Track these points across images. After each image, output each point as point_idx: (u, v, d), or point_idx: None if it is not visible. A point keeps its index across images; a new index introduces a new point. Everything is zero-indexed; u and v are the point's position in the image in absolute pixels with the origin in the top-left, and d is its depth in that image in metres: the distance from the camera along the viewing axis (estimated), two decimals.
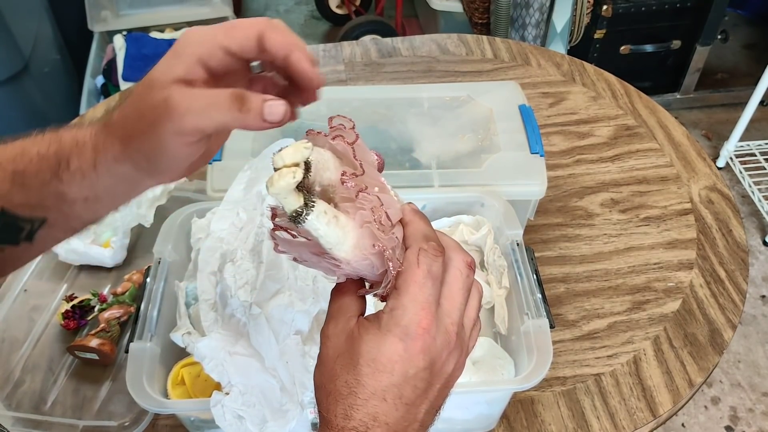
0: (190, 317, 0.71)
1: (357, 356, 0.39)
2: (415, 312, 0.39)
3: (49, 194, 0.42)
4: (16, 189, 0.42)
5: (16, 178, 0.42)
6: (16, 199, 0.42)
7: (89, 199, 0.43)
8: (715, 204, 0.99)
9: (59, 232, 0.44)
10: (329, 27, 2.94)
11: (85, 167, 0.42)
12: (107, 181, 0.42)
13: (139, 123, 0.40)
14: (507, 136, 0.88)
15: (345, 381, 0.39)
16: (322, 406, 0.40)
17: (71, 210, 0.43)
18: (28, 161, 0.42)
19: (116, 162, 0.42)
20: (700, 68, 2.24)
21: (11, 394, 0.75)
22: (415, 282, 0.40)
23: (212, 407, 0.60)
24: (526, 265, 0.72)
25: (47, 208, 0.42)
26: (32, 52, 1.73)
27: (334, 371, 0.40)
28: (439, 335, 0.40)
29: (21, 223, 0.42)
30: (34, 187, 0.42)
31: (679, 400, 0.76)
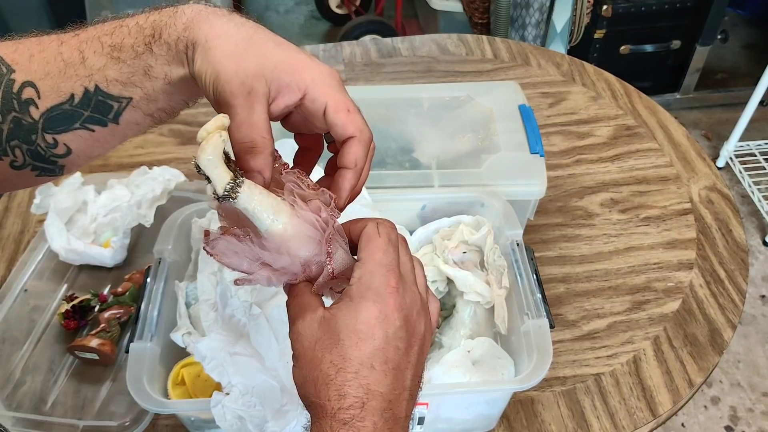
0: (191, 317, 0.71)
1: (336, 333, 0.40)
2: (382, 274, 0.41)
3: (139, 68, 0.45)
4: (111, 63, 0.44)
5: (113, 52, 0.44)
6: (110, 74, 0.45)
7: (167, 79, 0.45)
8: (714, 204, 0.99)
9: (140, 116, 0.47)
10: (329, 27, 2.94)
11: (171, 39, 0.44)
12: (181, 60, 0.45)
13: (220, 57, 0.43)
14: (507, 136, 0.88)
15: (330, 362, 0.39)
16: (312, 397, 0.40)
17: (153, 90, 0.46)
18: (126, 33, 0.45)
19: (194, 47, 0.44)
20: (700, 68, 2.24)
21: (11, 395, 0.75)
22: (379, 249, 0.42)
23: (212, 407, 0.61)
24: (526, 265, 0.72)
25: (134, 86, 0.45)
26: None
27: (316, 358, 0.40)
28: (407, 293, 0.42)
29: (111, 101, 0.45)
30: (128, 60, 0.44)
31: (678, 400, 0.76)
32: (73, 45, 0.45)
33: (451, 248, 0.77)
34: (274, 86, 0.43)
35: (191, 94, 0.47)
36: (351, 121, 0.44)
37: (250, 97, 0.42)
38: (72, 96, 0.44)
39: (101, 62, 0.44)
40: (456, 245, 0.78)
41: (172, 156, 1.02)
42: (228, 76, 0.43)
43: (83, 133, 0.46)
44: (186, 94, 0.47)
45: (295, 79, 0.44)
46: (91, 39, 0.45)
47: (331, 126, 0.44)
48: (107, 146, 0.48)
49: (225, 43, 0.43)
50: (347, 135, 0.45)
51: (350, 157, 0.45)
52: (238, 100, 0.42)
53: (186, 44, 0.44)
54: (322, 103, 0.44)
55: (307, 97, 0.44)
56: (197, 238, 0.76)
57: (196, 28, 0.44)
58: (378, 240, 0.43)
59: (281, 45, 0.45)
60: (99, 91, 0.45)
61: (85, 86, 0.44)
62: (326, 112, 0.44)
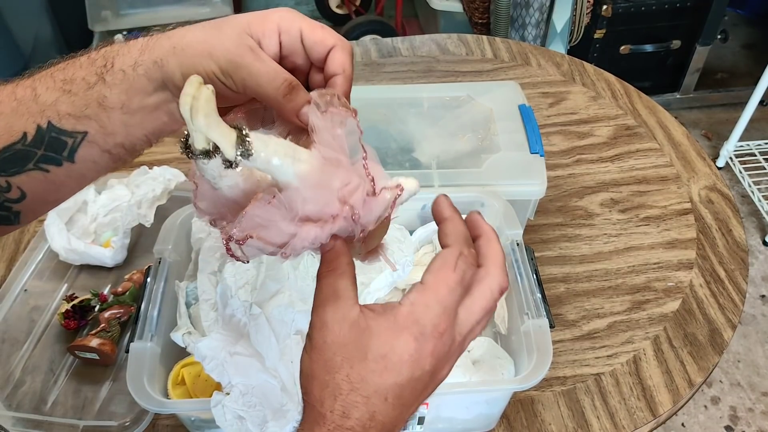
0: (191, 317, 0.71)
1: (365, 350, 0.38)
2: (437, 314, 0.39)
3: (92, 99, 0.44)
4: (64, 97, 0.43)
5: (64, 86, 0.44)
6: (62, 108, 0.43)
7: (125, 108, 0.44)
8: (714, 204, 0.99)
9: (97, 153, 0.45)
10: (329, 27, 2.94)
11: (126, 66, 0.44)
12: (141, 84, 0.44)
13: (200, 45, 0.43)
14: (507, 136, 0.88)
15: (347, 375, 0.38)
16: (313, 397, 0.39)
17: (109, 121, 0.44)
18: (78, 67, 0.44)
19: (154, 66, 0.43)
20: (700, 68, 2.24)
21: (12, 395, 0.75)
22: (446, 284, 0.40)
23: (213, 407, 0.61)
24: (526, 265, 0.72)
25: (89, 119, 0.44)
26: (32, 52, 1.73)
27: (334, 362, 0.38)
28: (449, 342, 0.40)
29: (65, 137, 0.44)
30: (80, 93, 0.44)
31: (678, 400, 0.76)
32: (27, 84, 0.44)
33: None
34: (256, 39, 0.44)
35: (153, 127, 0.46)
36: (329, 33, 0.45)
37: (255, 51, 0.43)
38: (24, 135, 0.43)
39: (53, 97, 0.43)
40: None
41: (172, 156, 1.02)
42: (223, 48, 0.43)
43: (38, 175, 0.44)
44: (147, 126, 0.46)
45: (268, 25, 0.44)
46: (43, 76, 0.44)
47: (313, 45, 0.45)
48: (64, 190, 0.47)
49: (193, 33, 0.44)
50: (329, 45, 0.45)
51: (337, 63, 0.45)
52: (247, 58, 0.42)
53: (147, 67, 0.43)
54: (297, 29, 0.45)
55: (283, 34, 0.45)
56: (197, 237, 0.76)
57: (155, 47, 0.44)
58: (450, 275, 0.40)
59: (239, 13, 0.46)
60: (52, 127, 0.43)
61: (37, 123, 0.43)
62: (303, 36, 0.45)
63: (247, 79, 0.43)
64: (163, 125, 0.46)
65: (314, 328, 0.40)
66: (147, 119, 0.45)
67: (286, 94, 0.42)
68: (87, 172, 0.46)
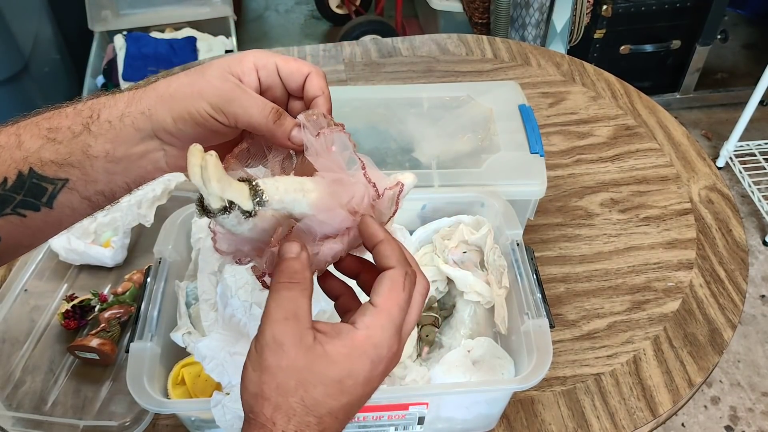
0: (191, 317, 0.71)
1: (321, 376, 0.38)
2: (391, 335, 0.40)
3: (77, 148, 0.45)
4: (48, 144, 0.44)
5: (49, 134, 0.44)
6: (45, 155, 0.44)
7: (108, 157, 0.45)
8: (714, 204, 0.99)
9: (77, 200, 0.46)
10: (329, 27, 2.94)
11: (112, 117, 0.45)
12: (127, 135, 0.45)
13: (188, 88, 0.45)
14: (507, 136, 0.88)
15: (301, 398, 0.38)
16: (264, 417, 0.38)
17: (92, 169, 0.45)
18: (64, 116, 0.45)
19: (142, 116, 0.45)
20: (700, 68, 2.24)
21: (12, 395, 0.75)
22: (398, 305, 0.41)
23: (213, 407, 0.61)
24: (526, 265, 0.72)
25: (71, 166, 0.45)
26: (32, 52, 1.73)
27: (288, 386, 0.38)
28: (397, 357, 0.42)
29: (45, 183, 0.44)
30: (65, 141, 0.44)
31: (678, 400, 0.76)
32: (11, 131, 0.45)
33: (451, 248, 0.77)
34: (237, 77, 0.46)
35: (136, 175, 0.47)
36: (302, 62, 0.48)
37: (240, 87, 0.45)
38: (5, 180, 0.43)
39: (37, 144, 0.44)
40: (456, 245, 0.78)
41: None
42: (211, 87, 0.45)
43: (14, 219, 0.44)
44: (130, 175, 0.47)
45: (246, 63, 0.47)
46: (28, 124, 0.45)
47: (289, 74, 0.47)
48: (40, 235, 0.47)
49: (178, 80, 0.46)
50: (305, 73, 0.48)
51: (316, 86, 0.47)
52: (236, 92, 0.45)
53: (135, 117, 0.45)
54: (273, 64, 0.47)
55: (260, 70, 0.47)
56: (197, 238, 0.76)
57: (142, 98, 0.45)
58: (401, 294, 0.41)
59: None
60: (33, 174, 0.44)
61: (19, 169, 0.44)
62: (279, 68, 0.47)
63: (239, 112, 0.45)
64: (147, 173, 0.48)
65: (267, 347, 0.39)
66: (131, 167, 0.47)
67: (276, 120, 0.45)
68: (64, 218, 0.47)
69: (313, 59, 1.27)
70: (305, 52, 1.29)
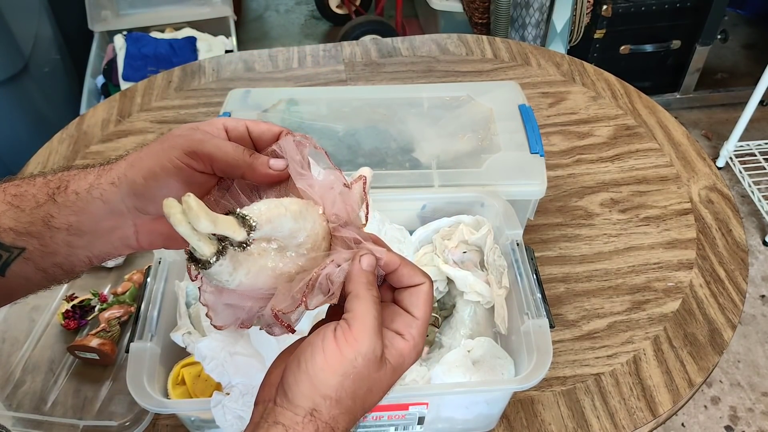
0: (191, 317, 0.71)
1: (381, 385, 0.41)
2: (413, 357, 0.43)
3: (39, 217, 0.44)
4: (10, 211, 0.43)
5: (13, 200, 0.43)
6: (5, 222, 0.43)
7: (72, 229, 0.44)
8: (714, 204, 0.99)
9: (31, 270, 0.45)
10: (329, 27, 2.94)
11: (80, 189, 0.44)
12: (95, 208, 0.44)
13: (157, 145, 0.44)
14: (507, 136, 0.88)
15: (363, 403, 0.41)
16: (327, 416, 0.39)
17: (51, 240, 0.44)
18: (31, 185, 0.44)
19: (111, 187, 0.44)
20: (700, 68, 2.24)
21: (12, 395, 0.75)
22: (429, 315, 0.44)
23: (213, 407, 0.61)
24: (526, 265, 0.72)
25: (30, 236, 0.44)
26: (32, 52, 1.72)
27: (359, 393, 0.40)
28: None
29: (0, 251, 0.43)
30: (27, 209, 0.43)
31: (678, 400, 0.76)
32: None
33: (451, 248, 0.77)
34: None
35: (100, 251, 0.47)
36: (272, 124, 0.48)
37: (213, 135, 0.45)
38: None
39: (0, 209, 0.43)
40: (456, 245, 0.78)
41: None
42: (182, 138, 0.44)
43: None
44: (94, 250, 0.46)
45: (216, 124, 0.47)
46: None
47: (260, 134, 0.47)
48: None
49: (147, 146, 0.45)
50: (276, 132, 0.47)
51: None
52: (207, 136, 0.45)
53: (103, 189, 0.44)
54: (243, 126, 0.47)
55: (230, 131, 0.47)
56: None
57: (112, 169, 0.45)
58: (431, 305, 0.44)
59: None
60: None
61: None
62: (249, 130, 0.47)
63: (214, 151, 0.44)
64: (113, 249, 0.47)
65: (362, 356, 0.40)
66: (96, 242, 0.46)
67: (251, 155, 0.45)
68: (16, 288, 0.46)
69: (313, 59, 1.27)
70: (305, 52, 1.29)
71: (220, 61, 1.29)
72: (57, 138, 1.12)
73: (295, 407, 0.39)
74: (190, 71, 1.26)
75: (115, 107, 1.18)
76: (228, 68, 1.27)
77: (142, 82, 1.24)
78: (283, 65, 1.26)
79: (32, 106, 1.74)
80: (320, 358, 0.39)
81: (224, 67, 1.27)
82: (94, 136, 1.12)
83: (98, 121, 1.15)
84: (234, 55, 1.31)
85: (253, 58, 1.29)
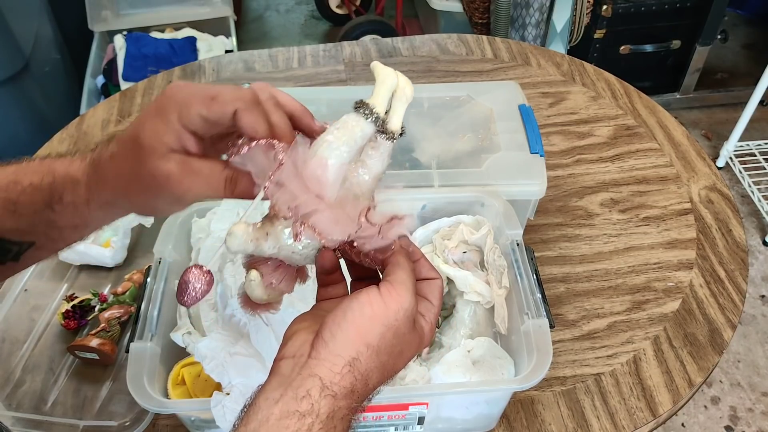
0: (191, 317, 0.71)
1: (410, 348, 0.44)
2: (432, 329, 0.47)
3: (41, 222, 0.44)
4: (8, 215, 0.44)
5: (8, 206, 0.44)
6: (6, 224, 0.44)
7: (79, 227, 0.46)
8: (714, 204, 0.99)
9: (45, 253, 0.47)
10: (329, 27, 2.94)
11: (78, 202, 0.45)
12: (99, 214, 0.46)
13: (135, 184, 0.43)
14: (507, 136, 0.88)
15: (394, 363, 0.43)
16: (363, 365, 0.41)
17: (60, 235, 0.46)
18: (21, 191, 0.44)
19: (107, 205, 0.45)
20: (700, 68, 2.24)
21: (12, 394, 0.75)
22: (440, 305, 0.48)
23: (213, 408, 0.61)
24: (526, 265, 0.72)
25: (37, 234, 0.45)
26: (32, 52, 1.72)
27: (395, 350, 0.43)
28: None
29: (9, 245, 0.45)
30: (26, 215, 0.44)
31: (678, 400, 0.76)
32: None
33: (451, 248, 0.77)
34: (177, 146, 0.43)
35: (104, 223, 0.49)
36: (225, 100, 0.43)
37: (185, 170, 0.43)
38: None
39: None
40: (456, 245, 0.78)
41: None
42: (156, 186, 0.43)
43: None
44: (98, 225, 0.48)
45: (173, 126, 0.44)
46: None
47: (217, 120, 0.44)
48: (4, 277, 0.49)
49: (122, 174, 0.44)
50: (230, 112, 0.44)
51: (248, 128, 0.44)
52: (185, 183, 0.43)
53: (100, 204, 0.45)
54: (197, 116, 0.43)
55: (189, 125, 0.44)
56: (197, 237, 0.76)
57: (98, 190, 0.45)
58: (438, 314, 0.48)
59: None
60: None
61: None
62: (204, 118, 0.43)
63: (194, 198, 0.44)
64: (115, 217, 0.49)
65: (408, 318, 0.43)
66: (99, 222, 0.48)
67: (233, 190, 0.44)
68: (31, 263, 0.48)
69: (313, 59, 1.27)
70: (305, 52, 1.29)
71: (220, 61, 1.29)
72: (57, 138, 1.12)
73: (335, 357, 0.40)
74: (190, 71, 1.26)
75: (115, 107, 1.18)
76: (228, 68, 1.27)
77: (142, 82, 1.24)
78: (283, 65, 1.26)
79: (32, 106, 1.74)
80: (368, 309, 0.42)
81: (224, 67, 1.27)
82: (94, 136, 1.12)
83: (98, 121, 1.15)
84: (234, 55, 1.31)
85: (253, 58, 1.29)
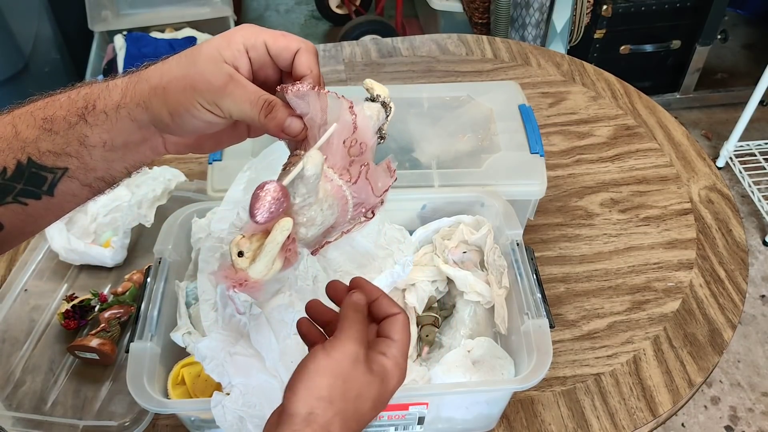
0: (191, 317, 0.71)
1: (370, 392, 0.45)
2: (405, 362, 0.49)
3: (74, 138, 0.45)
4: (44, 135, 0.45)
5: (45, 124, 0.45)
6: (43, 145, 0.45)
7: (107, 146, 0.46)
8: (714, 204, 0.99)
9: (77, 186, 0.47)
10: (329, 27, 2.94)
11: (108, 109, 0.45)
12: (124, 125, 0.46)
13: (179, 81, 0.45)
14: (507, 136, 0.88)
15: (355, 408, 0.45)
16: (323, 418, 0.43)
17: (90, 158, 0.46)
18: (58, 106, 0.46)
19: (138, 108, 0.46)
20: (700, 68, 2.24)
21: (12, 395, 0.75)
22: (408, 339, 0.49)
23: (213, 408, 0.61)
24: (526, 265, 0.72)
25: (69, 156, 0.45)
26: (32, 52, 1.73)
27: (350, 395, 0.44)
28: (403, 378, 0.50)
29: (45, 172, 0.45)
30: (61, 131, 0.45)
31: (678, 400, 0.76)
32: (7, 120, 0.45)
33: (451, 248, 0.77)
34: (230, 63, 0.46)
35: (134, 160, 0.49)
36: (291, 39, 0.48)
37: (234, 78, 0.45)
38: (4, 169, 0.44)
39: (34, 134, 0.45)
40: (456, 245, 0.78)
41: (172, 156, 1.02)
42: (204, 81, 0.45)
43: (16, 208, 0.45)
44: (129, 160, 0.48)
45: (235, 46, 0.46)
46: (23, 114, 0.46)
47: (279, 52, 0.47)
48: (42, 222, 0.48)
49: (170, 72, 0.46)
50: (294, 49, 0.48)
51: (304, 66, 0.48)
52: (229, 87, 0.45)
53: (131, 109, 0.45)
54: (261, 43, 0.47)
55: (250, 50, 0.47)
56: (197, 238, 0.76)
57: (136, 90, 0.46)
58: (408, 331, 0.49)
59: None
60: (32, 163, 0.45)
61: (18, 159, 0.44)
62: (268, 47, 0.47)
63: (232, 107, 0.46)
64: (145, 158, 0.49)
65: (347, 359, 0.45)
66: (129, 154, 0.48)
67: (267, 114, 0.46)
68: (66, 204, 0.48)
69: None
70: None
71: None
72: None
73: (293, 417, 0.43)
74: None
75: None
76: None
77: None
78: None
79: None
80: (312, 365, 0.44)
81: None
82: None
83: None
84: None
85: None
